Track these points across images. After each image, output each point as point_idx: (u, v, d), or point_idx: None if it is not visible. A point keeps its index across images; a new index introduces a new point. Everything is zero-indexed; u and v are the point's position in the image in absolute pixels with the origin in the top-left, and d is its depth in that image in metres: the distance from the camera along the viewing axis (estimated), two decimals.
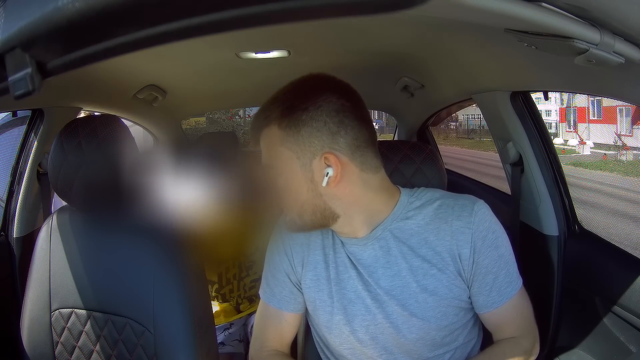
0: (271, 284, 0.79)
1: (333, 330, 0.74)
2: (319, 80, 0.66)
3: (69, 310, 0.85)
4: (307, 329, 0.90)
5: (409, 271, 0.68)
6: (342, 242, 0.72)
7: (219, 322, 1.38)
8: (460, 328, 0.72)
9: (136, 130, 1.69)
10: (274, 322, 0.78)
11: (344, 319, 0.72)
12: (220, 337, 1.34)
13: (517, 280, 0.71)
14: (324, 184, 0.63)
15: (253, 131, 0.69)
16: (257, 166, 0.71)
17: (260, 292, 0.81)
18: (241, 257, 1.50)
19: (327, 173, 0.62)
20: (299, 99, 0.63)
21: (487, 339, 0.80)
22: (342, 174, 0.63)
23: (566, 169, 1.11)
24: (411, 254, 0.68)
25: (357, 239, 0.70)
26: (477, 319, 0.76)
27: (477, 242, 0.66)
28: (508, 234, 0.72)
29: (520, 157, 1.08)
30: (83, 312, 0.84)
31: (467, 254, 0.66)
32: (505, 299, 0.69)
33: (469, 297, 0.70)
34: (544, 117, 1.14)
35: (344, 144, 0.63)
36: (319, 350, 0.83)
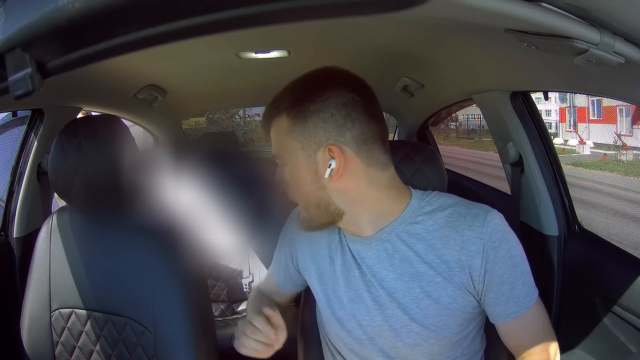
0: (276, 262, 0.87)
1: (333, 326, 0.74)
2: (332, 73, 0.66)
3: (69, 310, 0.85)
4: (306, 321, 0.90)
5: (413, 276, 0.67)
6: (347, 239, 0.72)
7: None
8: (460, 340, 0.70)
9: (136, 130, 1.69)
10: (273, 290, 0.88)
11: (344, 316, 0.72)
12: None
13: (534, 291, 0.69)
14: (326, 175, 0.63)
15: (264, 120, 0.69)
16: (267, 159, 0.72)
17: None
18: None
19: (330, 165, 0.62)
20: (309, 90, 0.63)
21: (490, 353, 0.78)
22: (345, 167, 0.63)
23: (566, 169, 1.11)
24: (417, 259, 0.67)
25: (361, 238, 0.70)
26: (479, 331, 0.74)
27: (490, 253, 0.64)
28: None
29: (520, 157, 1.08)
30: (83, 312, 0.84)
31: (478, 264, 0.64)
32: (524, 309, 0.67)
33: (477, 307, 0.69)
34: (544, 117, 1.14)
35: (350, 137, 0.62)
36: (321, 339, 0.83)
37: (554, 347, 0.70)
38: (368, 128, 0.63)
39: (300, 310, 0.93)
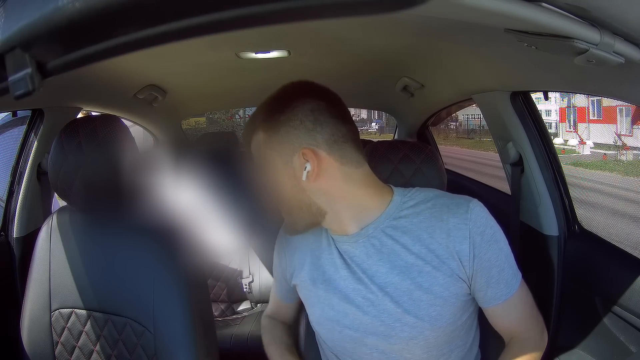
0: (275, 278, 0.89)
1: (325, 327, 0.76)
2: (297, 85, 0.71)
3: (69, 310, 0.85)
4: (306, 324, 0.90)
5: (403, 268, 0.69)
6: (334, 240, 0.74)
7: None
8: (455, 330, 0.71)
9: (136, 130, 1.69)
10: (279, 305, 0.91)
11: (336, 316, 0.73)
12: None
13: (518, 272, 0.72)
14: (304, 177, 0.66)
15: (244, 139, 0.74)
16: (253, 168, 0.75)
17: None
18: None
19: (306, 167, 0.66)
20: (278, 104, 0.68)
21: (484, 345, 0.79)
22: (320, 167, 0.66)
23: (566, 169, 1.11)
24: (404, 251, 0.69)
25: (347, 236, 0.72)
26: (473, 323, 0.75)
27: (476, 238, 0.67)
28: (508, 233, 0.72)
29: (520, 157, 1.08)
30: (83, 312, 0.84)
31: (466, 249, 0.67)
32: (513, 290, 0.70)
33: (469, 294, 0.70)
34: (544, 117, 1.14)
35: (321, 140, 0.66)
36: (317, 342, 0.84)
37: (541, 324, 0.75)
38: (336, 129, 0.67)
39: (301, 312, 0.93)
